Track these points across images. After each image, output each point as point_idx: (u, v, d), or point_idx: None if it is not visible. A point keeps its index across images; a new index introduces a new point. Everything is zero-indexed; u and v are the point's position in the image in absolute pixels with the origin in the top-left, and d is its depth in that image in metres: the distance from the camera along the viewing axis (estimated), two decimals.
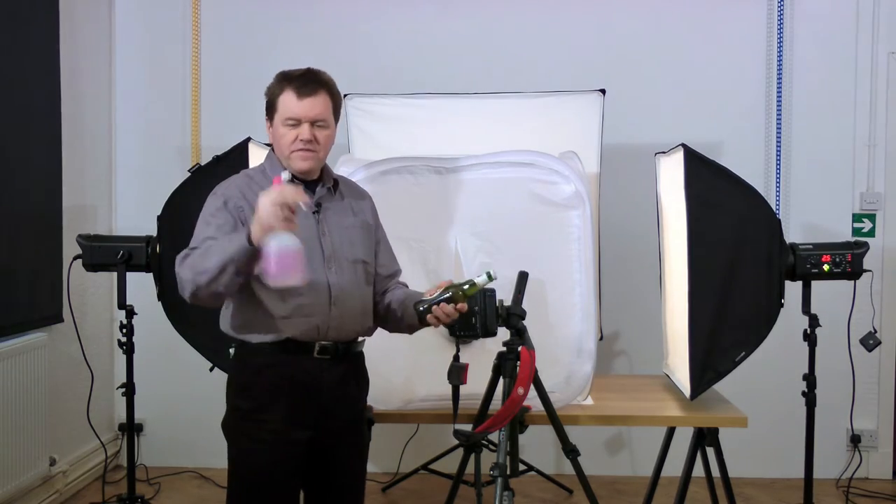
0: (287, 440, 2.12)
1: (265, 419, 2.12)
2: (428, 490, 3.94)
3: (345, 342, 2.18)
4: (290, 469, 2.15)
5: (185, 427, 4.23)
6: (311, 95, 2.11)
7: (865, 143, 4.06)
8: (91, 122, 4.07)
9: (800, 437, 2.97)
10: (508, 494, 2.28)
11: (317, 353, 2.13)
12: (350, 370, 2.23)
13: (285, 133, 2.12)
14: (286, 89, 2.12)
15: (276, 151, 2.19)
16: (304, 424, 2.14)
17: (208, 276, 1.94)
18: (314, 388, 2.14)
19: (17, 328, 3.40)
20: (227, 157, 2.93)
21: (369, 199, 2.37)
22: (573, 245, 2.76)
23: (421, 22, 4.16)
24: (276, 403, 2.12)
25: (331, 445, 2.20)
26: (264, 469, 2.12)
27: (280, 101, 2.12)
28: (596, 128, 3.41)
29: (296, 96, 2.10)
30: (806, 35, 4.06)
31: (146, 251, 2.95)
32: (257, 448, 2.13)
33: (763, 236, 2.74)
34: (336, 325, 2.13)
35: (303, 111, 2.10)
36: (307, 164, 2.13)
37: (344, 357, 2.18)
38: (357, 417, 2.29)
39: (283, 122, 2.12)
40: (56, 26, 3.66)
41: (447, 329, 2.39)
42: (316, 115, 2.12)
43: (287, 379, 2.12)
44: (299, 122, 2.11)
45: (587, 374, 2.76)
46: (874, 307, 3.68)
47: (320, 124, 2.13)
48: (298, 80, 2.12)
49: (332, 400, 2.17)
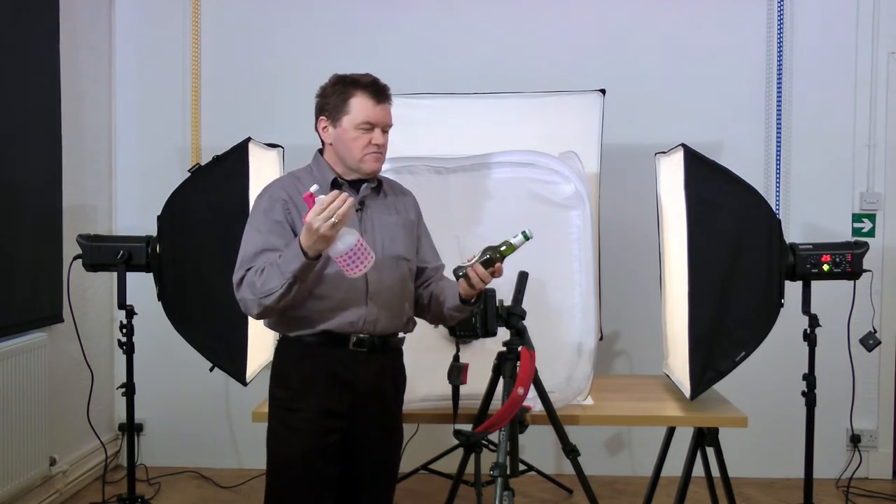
0: (321, 430, 2.16)
1: (300, 409, 2.17)
2: (428, 490, 3.94)
3: (381, 336, 2.20)
4: (326, 458, 2.18)
5: (185, 427, 4.23)
6: (386, 102, 2.21)
7: (865, 143, 4.06)
8: (91, 122, 4.07)
9: (800, 437, 2.96)
10: (508, 494, 2.28)
11: (353, 345, 2.16)
12: (386, 365, 2.25)
13: (358, 136, 2.16)
14: (360, 94, 2.17)
15: (340, 152, 2.20)
16: (337, 415, 2.17)
17: (277, 296, 2.01)
18: (349, 380, 2.17)
19: (17, 328, 3.40)
20: (227, 157, 2.92)
21: (412, 197, 2.41)
22: (573, 245, 2.76)
23: (421, 22, 4.16)
24: (310, 394, 2.17)
25: (363, 437, 2.22)
26: (299, 457, 2.17)
27: (353, 104, 2.16)
28: (596, 128, 3.41)
29: (373, 102, 2.17)
30: (806, 35, 4.06)
31: (146, 251, 2.95)
32: (292, 437, 2.18)
33: (763, 236, 2.74)
34: (373, 319, 2.16)
35: (379, 117, 2.18)
36: (379, 164, 2.22)
37: (381, 351, 2.21)
38: (392, 412, 2.31)
39: (357, 126, 2.16)
40: (56, 26, 3.66)
41: (447, 329, 2.40)
42: (388, 121, 2.22)
43: (322, 370, 2.16)
44: (373, 126, 2.17)
45: (587, 374, 2.76)
46: (874, 307, 3.68)
47: (386, 129, 2.22)
48: (373, 86, 2.19)
49: (367, 393, 2.20)
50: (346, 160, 2.20)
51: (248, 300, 2.07)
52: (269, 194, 2.20)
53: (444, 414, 2.63)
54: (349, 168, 2.21)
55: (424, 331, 2.60)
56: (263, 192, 2.22)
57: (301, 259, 1.95)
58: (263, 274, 2.03)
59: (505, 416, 2.25)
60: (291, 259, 1.98)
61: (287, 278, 1.98)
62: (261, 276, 2.03)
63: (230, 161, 2.90)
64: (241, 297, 2.09)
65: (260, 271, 2.04)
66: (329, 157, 2.24)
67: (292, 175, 2.27)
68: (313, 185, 1.97)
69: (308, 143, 2.42)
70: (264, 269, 2.04)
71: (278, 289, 1.99)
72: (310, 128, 2.30)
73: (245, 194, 2.83)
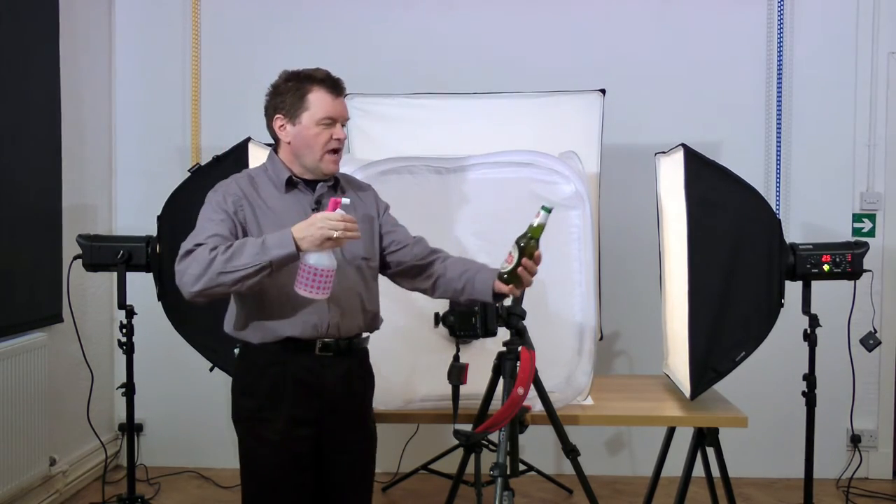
0: (292, 439, 2.13)
1: (269, 419, 2.13)
2: (428, 490, 3.94)
3: (346, 338, 2.18)
4: (300, 466, 2.15)
5: (185, 427, 4.23)
6: (342, 96, 2.16)
7: (865, 143, 4.06)
8: (91, 122, 4.07)
9: (800, 437, 2.96)
10: (508, 494, 2.28)
11: (318, 350, 2.13)
12: (354, 366, 2.22)
13: (319, 132, 2.12)
14: (317, 89, 2.12)
15: (298, 150, 2.15)
16: (308, 422, 2.15)
17: (238, 276, 1.93)
18: (317, 386, 2.14)
19: (17, 328, 3.40)
20: (227, 157, 2.93)
21: (372, 191, 2.36)
22: (573, 245, 2.76)
23: (421, 22, 4.16)
24: (279, 403, 2.13)
25: (335, 441, 2.20)
26: (272, 468, 2.14)
27: (311, 100, 2.12)
28: (596, 128, 3.41)
29: (332, 96, 2.13)
30: (806, 35, 4.06)
31: (146, 251, 2.95)
32: (263, 448, 2.14)
33: (763, 236, 2.74)
34: (335, 322, 2.13)
35: (339, 111, 2.14)
36: (337, 166, 2.18)
37: (347, 353, 2.18)
38: (363, 413, 2.28)
39: (318, 122, 2.12)
40: (56, 26, 3.66)
41: (447, 329, 2.39)
42: (347, 115, 2.18)
43: (289, 378, 2.13)
44: (334, 121, 2.13)
45: (587, 374, 2.76)
46: (874, 307, 3.68)
47: (344, 123, 2.17)
48: (329, 80, 2.15)
49: (336, 397, 2.17)
50: (303, 158, 2.15)
51: (189, 273, 1.96)
52: (223, 189, 2.15)
53: (444, 414, 2.62)
54: (305, 167, 2.16)
55: (425, 331, 2.60)
56: (218, 187, 2.17)
57: (290, 248, 1.92)
58: (229, 251, 1.94)
59: (505, 416, 2.25)
60: (278, 245, 1.93)
61: (263, 261, 1.92)
62: (224, 252, 1.94)
63: (230, 161, 2.90)
64: (181, 268, 1.98)
65: (224, 249, 1.95)
66: (284, 156, 2.18)
67: (247, 173, 2.23)
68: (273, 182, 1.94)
69: None
70: (231, 246, 1.96)
71: (245, 268, 1.92)
72: None
73: None
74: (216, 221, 2.07)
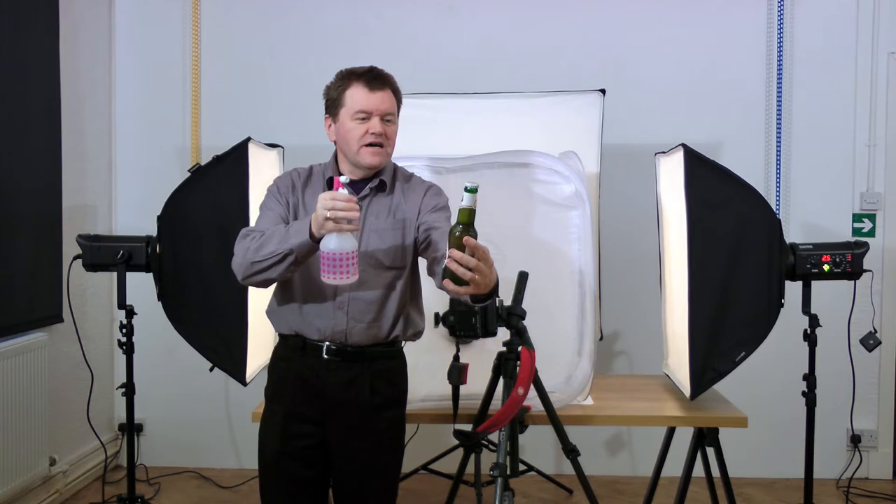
0: (290, 433, 2.16)
1: (273, 410, 2.20)
2: (428, 490, 3.94)
3: (358, 346, 2.14)
4: (299, 461, 2.16)
5: (185, 427, 4.23)
6: (381, 90, 2.12)
7: (865, 143, 4.06)
8: (91, 122, 4.07)
9: (800, 437, 2.96)
10: (508, 494, 2.28)
11: (325, 353, 2.13)
12: (364, 374, 2.15)
13: (354, 127, 2.10)
14: (354, 83, 2.11)
15: (342, 148, 2.16)
16: (308, 420, 2.16)
17: (267, 264, 1.98)
18: (317, 388, 2.15)
19: (17, 328, 3.40)
20: (227, 157, 2.92)
21: (423, 191, 2.22)
22: (573, 245, 2.76)
23: (421, 22, 4.16)
24: (281, 395, 2.19)
25: (342, 446, 2.17)
26: (271, 457, 2.19)
27: (348, 95, 2.11)
28: (596, 128, 3.41)
29: (367, 90, 2.10)
30: (806, 35, 4.06)
31: (146, 251, 2.95)
32: (266, 436, 2.21)
33: (763, 236, 2.73)
34: (341, 329, 2.11)
35: (374, 104, 2.09)
36: (377, 159, 2.11)
37: (355, 361, 2.14)
38: (373, 425, 2.17)
39: (353, 117, 2.09)
40: (56, 26, 3.66)
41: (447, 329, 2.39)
42: (386, 108, 2.11)
43: (292, 375, 2.16)
44: (370, 115, 2.10)
45: (587, 374, 2.76)
46: (874, 307, 3.69)
47: (388, 119, 2.13)
48: (367, 74, 2.12)
49: (337, 402, 2.15)
50: (347, 155, 2.14)
51: (234, 263, 2.06)
52: (279, 180, 2.23)
53: (444, 414, 2.62)
54: (352, 164, 2.15)
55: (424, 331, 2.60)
56: (275, 180, 2.24)
57: (304, 236, 1.92)
58: (262, 238, 2.01)
59: (505, 416, 2.25)
60: (296, 232, 1.95)
61: (284, 249, 1.95)
62: (259, 240, 2.01)
63: (230, 161, 2.89)
64: (234, 259, 2.08)
65: (259, 236, 2.03)
66: (340, 155, 2.20)
67: (308, 168, 2.26)
68: (342, 177, 1.92)
69: (308, 143, 2.43)
70: (264, 234, 2.03)
71: (270, 257, 1.97)
72: (309, 127, 2.31)
73: (245, 194, 2.83)
74: (264, 211, 2.15)
